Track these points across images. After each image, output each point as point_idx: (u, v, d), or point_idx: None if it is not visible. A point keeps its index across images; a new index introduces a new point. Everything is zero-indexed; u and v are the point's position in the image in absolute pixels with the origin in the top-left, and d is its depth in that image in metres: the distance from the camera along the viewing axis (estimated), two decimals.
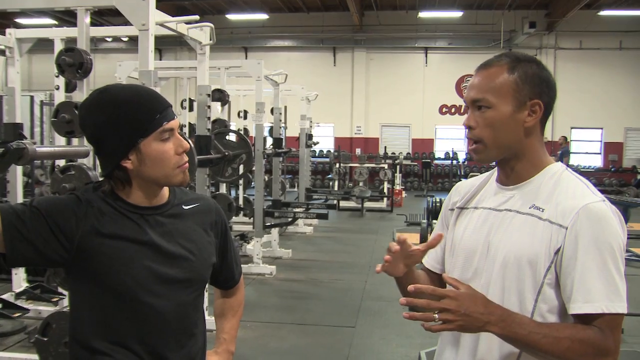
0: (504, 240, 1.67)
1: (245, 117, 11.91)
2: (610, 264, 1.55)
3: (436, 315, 1.51)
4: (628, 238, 1.67)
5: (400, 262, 1.75)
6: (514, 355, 1.65)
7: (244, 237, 9.59)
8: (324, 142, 21.38)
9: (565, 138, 18.14)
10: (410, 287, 1.55)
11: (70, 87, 5.33)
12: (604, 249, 1.55)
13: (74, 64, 4.36)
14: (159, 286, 1.72)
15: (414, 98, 22.04)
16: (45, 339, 4.33)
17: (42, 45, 6.07)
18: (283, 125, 11.72)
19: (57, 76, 5.05)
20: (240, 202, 10.61)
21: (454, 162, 20.96)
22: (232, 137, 7.47)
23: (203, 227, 1.88)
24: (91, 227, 1.65)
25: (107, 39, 21.39)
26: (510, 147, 1.69)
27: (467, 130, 1.72)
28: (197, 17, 5.18)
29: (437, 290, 1.53)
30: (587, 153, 21.97)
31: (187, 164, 1.76)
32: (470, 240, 1.77)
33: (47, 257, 1.63)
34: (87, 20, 4.54)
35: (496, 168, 1.81)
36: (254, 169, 8.40)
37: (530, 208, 1.66)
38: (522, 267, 1.62)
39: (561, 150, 17.22)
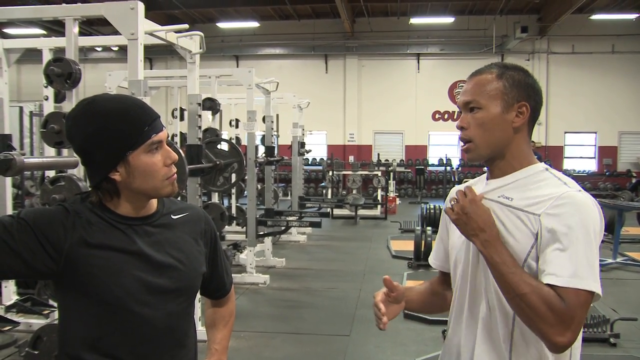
0: None
1: (237, 126, 11.89)
2: (584, 245, 1.61)
3: (451, 204, 1.80)
4: (623, 242, 1.70)
5: (392, 306, 2.01)
6: None
7: (237, 247, 9.54)
8: (317, 150, 21.38)
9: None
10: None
11: (59, 98, 5.32)
12: (580, 231, 1.62)
13: (62, 74, 4.34)
14: (148, 296, 1.69)
15: (406, 104, 22.07)
16: (36, 352, 4.29)
17: (31, 55, 6.04)
18: (275, 133, 11.71)
19: (46, 86, 5.01)
20: (233, 211, 10.59)
21: (448, 168, 20.93)
22: (223, 146, 7.44)
23: (192, 237, 1.86)
24: (79, 238, 1.62)
25: (97, 49, 21.48)
26: (499, 145, 1.80)
27: (460, 131, 1.84)
28: (186, 26, 5.16)
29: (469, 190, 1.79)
30: (581, 157, 22.00)
31: (175, 176, 1.75)
32: (462, 237, 1.85)
33: (36, 269, 1.60)
34: (76, 30, 4.52)
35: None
36: (246, 177, 8.37)
37: (499, 197, 1.79)
38: None
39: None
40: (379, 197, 16.78)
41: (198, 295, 1.99)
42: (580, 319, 1.58)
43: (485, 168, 1.90)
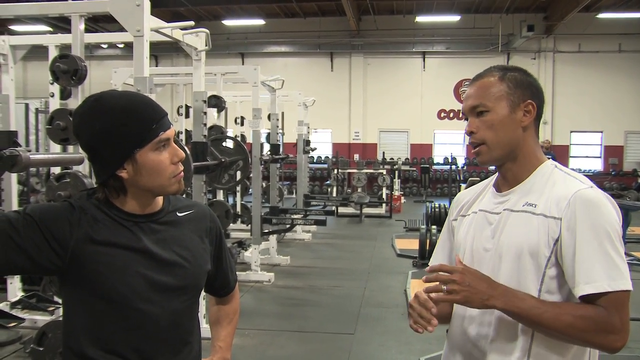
0: (502, 239, 1.77)
1: (242, 124, 11.90)
2: (606, 245, 1.62)
3: (444, 287, 1.66)
4: (629, 242, 1.69)
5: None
6: None
7: (242, 245, 9.55)
8: (322, 148, 21.37)
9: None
10: (427, 269, 1.74)
11: (65, 94, 5.32)
12: (599, 231, 1.63)
13: (68, 71, 4.34)
14: (153, 294, 1.69)
15: (412, 103, 22.04)
16: (41, 349, 4.30)
17: (37, 52, 6.05)
18: (280, 131, 11.70)
19: (52, 83, 5.02)
20: (238, 209, 10.59)
21: (453, 167, 20.81)
22: (229, 143, 7.44)
23: (198, 234, 1.86)
24: (85, 235, 1.62)
25: (103, 46, 21.49)
26: (511, 145, 1.81)
27: (469, 136, 1.84)
28: (192, 23, 5.16)
29: (445, 266, 1.71)
30: (587, 157, 21.94)
31: (182, 174, 1.74)
32: (473, 244, 1.86)
33: (41, 265, 1.60)
34: (82, 26, 4.52)
35: (495, 175, 1.92)
36: (251, 175, 8.37)
37: (523, 205, 1.77)
38: (524, 259, 1.72)
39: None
40: (384, 196, 16.77)
41: (202, 293, 1.98)
42: (625, 316, 1.62)
43: (495, 175, 1.91)
